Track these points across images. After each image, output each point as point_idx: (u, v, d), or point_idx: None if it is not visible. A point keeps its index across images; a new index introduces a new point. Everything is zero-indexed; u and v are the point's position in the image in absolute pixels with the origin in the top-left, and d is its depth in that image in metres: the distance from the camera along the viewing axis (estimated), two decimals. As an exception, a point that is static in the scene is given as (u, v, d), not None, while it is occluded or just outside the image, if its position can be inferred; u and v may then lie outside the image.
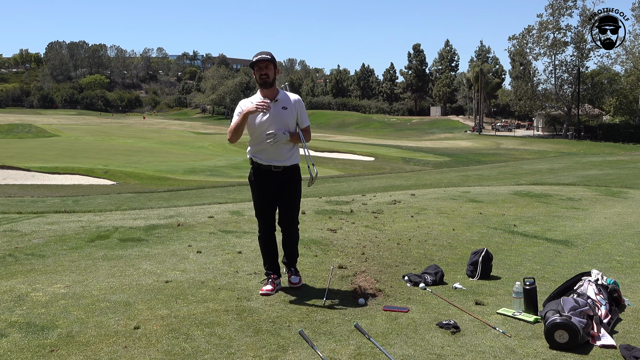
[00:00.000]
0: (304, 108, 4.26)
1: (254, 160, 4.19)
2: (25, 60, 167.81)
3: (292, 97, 4.20)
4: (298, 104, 4.19)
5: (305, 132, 4.25)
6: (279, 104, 4.10)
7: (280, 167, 4.13)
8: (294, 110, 4.15)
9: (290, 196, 4.24)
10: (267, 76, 4.03)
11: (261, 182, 4.17)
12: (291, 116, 4.14)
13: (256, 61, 4.00)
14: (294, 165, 4.21)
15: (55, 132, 55.91)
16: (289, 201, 4.25)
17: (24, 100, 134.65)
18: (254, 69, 4.05)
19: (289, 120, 4.14)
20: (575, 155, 32.76)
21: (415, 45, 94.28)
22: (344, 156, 36.19)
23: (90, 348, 3.10)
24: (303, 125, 4.24)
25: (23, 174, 25.29)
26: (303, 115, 4.22)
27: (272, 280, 4.23)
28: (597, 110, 59.06)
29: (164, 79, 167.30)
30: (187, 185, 19.49)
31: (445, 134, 64.83)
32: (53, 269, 4.69)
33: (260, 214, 4.28)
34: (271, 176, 4.14)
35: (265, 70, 4.01)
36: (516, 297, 3.82)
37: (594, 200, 9.65)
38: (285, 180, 4.18)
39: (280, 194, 4.20)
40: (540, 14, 53.72)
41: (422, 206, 8.57)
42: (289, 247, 4.41)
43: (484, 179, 16.72)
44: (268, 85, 4.06)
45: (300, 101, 4.24)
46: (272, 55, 4.06)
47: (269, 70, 4.02)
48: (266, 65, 4.01)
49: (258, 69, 4.02)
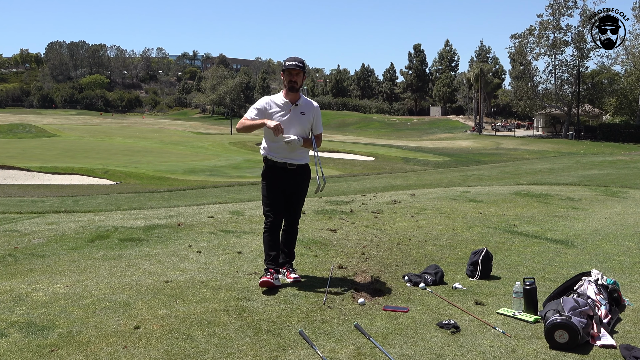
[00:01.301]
0: (320, 115, 4.50)
1: (268, 158, 4.38)
2: (25, 60, 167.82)
3: (311, 103, 4.43)
4: (316, 112, 4.43)
5: (317, 138, 4.48)
6: (298, 109, 4.32)
7: (294, 165, 4.36)
8: (311, 117, 4.39)
9: (300, 193, 4.49)
10: (296, 83, 4.28)
11: (276, 179, 4.36)
12: (308, 122, 4.38)
13: (288, 68, 4.24)
14: (306, 164, 4.47)
15: (55, 132, 55.94)
16: (298, 198, 4.49)
17: (24, 100, 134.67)
18: (284, 73, 4.29)
19: (306, 125, 4.38)
20: (575, 155, 32.75)
21: (416, 45, 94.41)
22: (344, 156, 36.19)
23: (90, 348, 3.10)
24: (317, 132, 4.48)
25: (23, 174, 25.30)
26: (318, 123, 4.47)
27: (271, 273, 4.27)
28: (597, 110, 59.06)
29: (164, 79, 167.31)
30: (187, 185, 19.50)
31: (445, 134, 64.84)
32: (53, 269, 4.69)
33: (273, 206, 4.39)
34: (286, 173, 4.36)
35: (295, 77, 4.27)
36: (516, 297, 3.82)
37: (594, 200, 9.65)
38: (298, 178, 4.41)
39: (293, 190, 4.42)
40: (540, 14, 53.80)
41: (422, 206, 8.57)
42: (291, 244, 4.61)
43: (484, 179, 16.72)
44: (295, 90, 4.31)
45: (318, 109, 4.48)
46: (304, 64, 4.33)
47: (298, 77, 4.28)
48: (297, 72, 4.26)
49: (288, 75, 4.27)
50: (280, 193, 4.38)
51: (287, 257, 4.58)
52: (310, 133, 4.46)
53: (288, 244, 4.58)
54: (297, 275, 4.47)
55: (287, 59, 4.30)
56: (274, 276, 4.25)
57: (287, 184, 4.38)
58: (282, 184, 4.37)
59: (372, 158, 35.53)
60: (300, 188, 4.48)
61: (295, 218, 4.55)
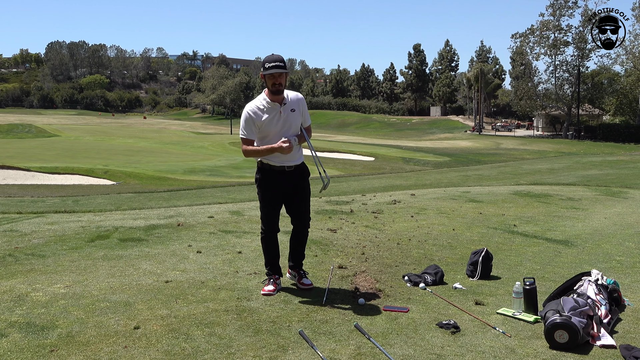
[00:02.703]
0: (306, 106, 4.28)
1: (264, 162, 4.13)
2: (25, 60, 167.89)
3: (296, 97, 4.18)
4: (302, 104, 4.18)
5: (307, 130, 4.28)
6: (287, 107, 4.08)
7: (292, 166, 4.16)
8: (300, 111, 4.16)
9: (304, 194, 4.27)
10: (280, 85, 4.00)
11: (274, 183, 4.15)
12: (299, 117, 4.16)
13: (272, 72, 3.93)
14: (302, 162, 4.26)
15: (55, 132, 55.93)
16: (302, 199, 4.27)
17: (24, 100, 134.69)
18: (265, 75, 3.98)
19: (298, 122, 4.16)
20: (575, 155, 32.75)
21: (416, 45, 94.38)
22: (344, 156, 36.20)
23: (90, 348, 3.10)
24: (306, 124, 4.26)
25: (23, 174, 25.30)
26: (306, 114, 4.24)
27: (273, 280, 4.23)
28: (597, 110, 59.07)
29: (164, 79, 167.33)
30: (187, 185, 19.49)
31: (445, 134, 64.84)
32: (53, 269, 4.69)
33: (269, 215, 4.25)
34: (284, 176, 4.14)
35: (279, 79, 3.98)
36: (516, 297, 3.82)
37: (594, 200, 9.65)
38: (297, 179, 4.21)
39: (294, 192, 4.22)
40: (542, 14, 53.82)
41: (422, 206, 8.57)
42: (301, 247, 4.41)
43: (484, 179, 16.72)
44: (280, 93, 4.04)
45: (303, 100, 4.23)
46: (285, 62, 4.03)
47: (281, 78, 3.99)
48: (279, 74, 3.96)
49: (271, 77, 3.96)
50: (279, 199, 4.20)
51: (299, 259, 4.40)
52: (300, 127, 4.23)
53: (298, 248, 4.39)
54: (310, 282, 4.29)
55: (266, 60, 3.97)
56: (277, 282, 4.22)
57: (288, 187, 4.17)
58: (281, 188, 4.16)
59: (372, 158, 35.54)
60: (303, 188, 4.25)
61: (304, 221, 4.31)
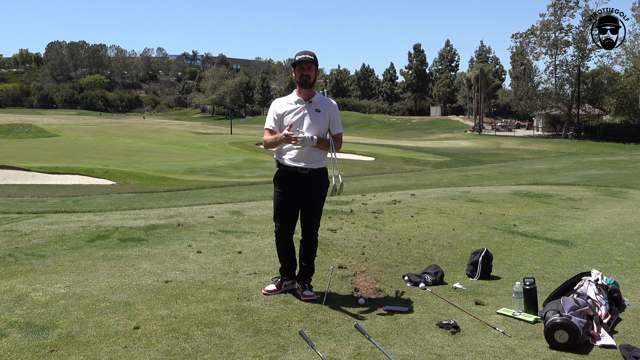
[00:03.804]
0: (339, 115, 4.12)
1: (279, 162, 4.03)
2: (25, 60, 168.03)
3: (327, 101, 4.07)
4: (333, 110, 4.04)
5: (335, 139, 4.08)
6: (312, 106, 3.98)
7: (307, 169, 3.95)
8: (327, 115, 4.01)
9: (314, 202, 4.08)
10: (309, 77, 3.92)
11: (287, 184, 4.01)
12: (323, 120, 4.00)
13: (299, 61, 3.89)
14: (321, 168, 4.04)
15: (55, 132, 55.91)
16: (312, 208, 4.09)
17: (24, 100, 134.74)
18: (294, 68, 3.93)
19: (322, 124, 4.00)
20: (575, 155, 32.75)
21: (416, 45, 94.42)
22: (344, 156, 36.13)
23: (90, 348, 3.10)
24: (335, 132, 4.08)
25: (23, 174, 25.27)
26: (336, 122, 4.07)
27: (279, 281, 4.19)
28: (597, 110, 59.07)
29: (164, 79, 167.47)
30: (187, 185, 19.49)
31: (445, 134, 64.83)
32: (53, 269, 4.69)
33: (279, 215, 4.09)
34: (297, 178, 3.97)
35: (307, 71, 3.91)
36: (516, 297, 3.82)
37: (594, 200, 9.65)
38: (311, 184, 4.01)
39: (306, 197, 4.03)
40: (543, 14, 53.82)
41: (422, 206, 8.57)
42: (308, 258, 4.19)
43: (484, 179, 16.72)
44: (308, 85, 3.95)
45: (335, 107, 4.09)
46: (315, 57, 3.94)
47: (310, 71, 3.92)
48: (309, 66, 3.90)
49: (300, 69, 3.91)
50: (290, 200, 4.02)
51: (303, 271, 4.19)
52: (327, 133, 4.06)
53: (305, 258, 4.18)
54: (312, 293, 4.06)
55: (297, 53, 3.93)
56: (283, 284, 4.16)
57: (300, 191, 3.98)
58: (293, 191, 3.98)
59: (372, 158, 35.51)
60: (313, 196, 4.03)
61: (310, 230, 4.13)
